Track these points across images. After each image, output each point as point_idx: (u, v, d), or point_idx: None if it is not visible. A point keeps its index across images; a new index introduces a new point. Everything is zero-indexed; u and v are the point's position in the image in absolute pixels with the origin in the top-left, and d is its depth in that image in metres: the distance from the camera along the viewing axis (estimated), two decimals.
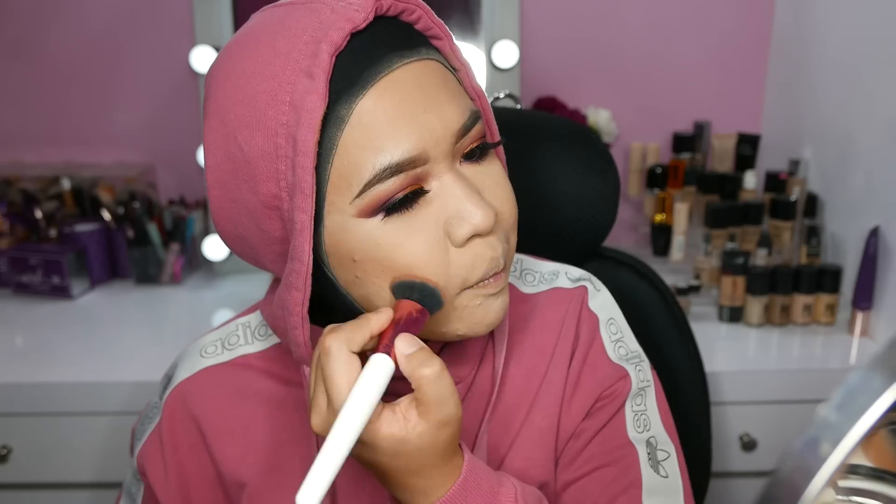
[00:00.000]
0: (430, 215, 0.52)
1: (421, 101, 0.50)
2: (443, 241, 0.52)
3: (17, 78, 1.68)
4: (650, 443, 0.65)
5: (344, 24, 0.49)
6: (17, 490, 1.22)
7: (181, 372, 0.66)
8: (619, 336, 0.69)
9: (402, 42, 0.51)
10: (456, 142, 0.52)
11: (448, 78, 0.53)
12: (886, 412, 0.23)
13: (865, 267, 1.27)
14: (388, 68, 0.50)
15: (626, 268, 0.97)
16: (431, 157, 0.51)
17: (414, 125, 0.50)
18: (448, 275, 0.52)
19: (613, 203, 0.93)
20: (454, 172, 0.52)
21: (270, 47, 0.50)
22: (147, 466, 0.65)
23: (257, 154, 0.50)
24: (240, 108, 0.50)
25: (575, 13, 1.67)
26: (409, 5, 0.52)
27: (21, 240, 1.60)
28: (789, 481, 0.24)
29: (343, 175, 0.50)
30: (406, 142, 0.49)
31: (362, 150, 0.49)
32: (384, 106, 0.49)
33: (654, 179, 1.60)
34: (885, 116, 1.26)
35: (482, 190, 0.54)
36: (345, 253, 0.52)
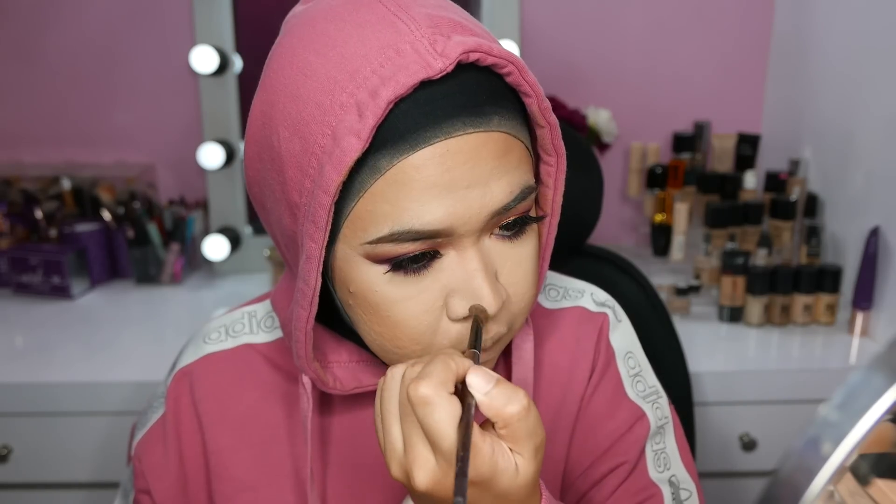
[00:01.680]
0: (435, 283, 0.49)
1: (467, 175, 0.46)
2: (440, 309, 0.50)
3: (17, 78, 1.68)
4: (672, 482, 0.65)
5: (417, 71, 0.44)
6: (17, 490, 1.22)
7: (184, 358, 0.66)
8: (637, 370, 0.67)
9: (475, 105, 0.46)
10: (491, 219, 0.49)
11: (513, 151, 0.49)
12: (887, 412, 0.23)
13: (865, 267, 1.27)
14: (445, 134, 0.46)
15: (608, 264, 0.97)
16: (458, 232, 0.48)
17: (450, 199, 0.46)
18: (432, 342, 0.51)
19: (598, 201, 0.93)
20: (477, 248, 0.49)
21: (338, 56, 0.47)
22: (144, 455, 0.63)
23: (290, 160, 0.48)
24: (289, 102, 0.48)
25: (575, 13, 1.67)
26: (500, 60, 0.47)
27: (21, 240, 1.60)
28: (790, 481, 0.24)
29: (362, 218, 0.47)
30: (434, 213, 0.46)
31: (388, 204, 0.46)
32: (426, 172, 0.46)
33: (654, 179, 1.60)
34: (885, 116, 1.26)
35: (501, 269, 0.51)
36: (344, 280, 0.51)
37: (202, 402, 0.63)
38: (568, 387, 0.65)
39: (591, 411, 0.65)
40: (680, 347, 0.99)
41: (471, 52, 0.46)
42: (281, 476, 0.61)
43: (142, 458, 0.63)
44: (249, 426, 0.62)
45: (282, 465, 0.62)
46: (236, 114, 1.58)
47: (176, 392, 0.64)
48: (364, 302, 0.50)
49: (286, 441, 0.62)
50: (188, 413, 0.63)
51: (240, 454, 0.62)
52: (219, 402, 0.63)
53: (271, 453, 0.62)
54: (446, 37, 0.46)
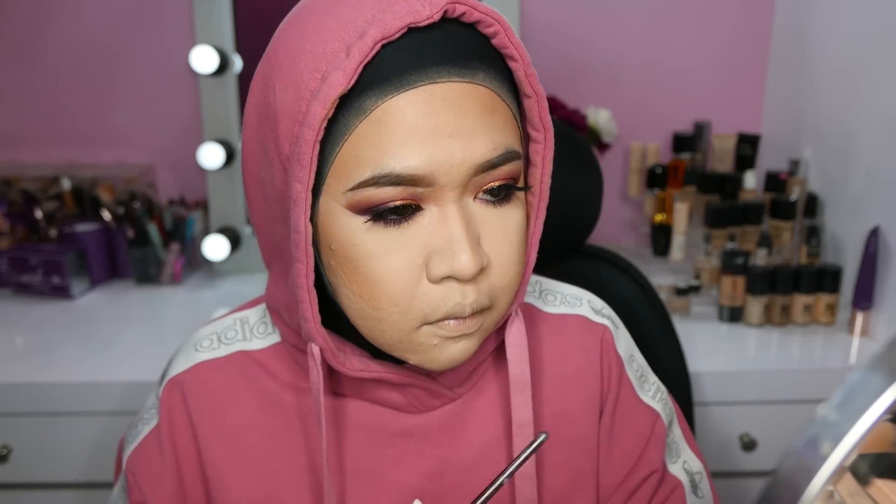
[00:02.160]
0: (416, 238, 0.49)
1: (450, 123, 0.47)
2: (419, 269, 0.50)
3: (17, 78, 1.68)
4: (686, 469, 0.66)
5: (403, 16, 0.46)
6: (17, 490, 1.22)
7: (175, 366, 0.63)
8: (640, 372, 0.68)
9: (461, 56, 0.48)
10: (474, 175, 0.49)
11: (498, 109, 0.49)
12: (886, 411, 0.23)
13: (865, 267, 1.27)
14: (430, 79, 0.47)
15: (607, 263, 0.97)
16: (440, 182, 0.48)
17: (432, 145, 0.47)
18: (410, 304, 0.50)
19: (598, 201, 0.93)
20: (459, 205, 0.49)
21: (334, 12, 0.48)
22: (139, 468, 0.61)
23: (284, 110, 0.49)
24: (286, 60, 0.49)
25: (575, 13, 1.67)
26: (486, 17, 0.48)
27: (21, 240, 1.60)
28: (790, 480, 0.24)
29: (346, 164, 0.48)
30: (416, 157, 0.47)
31: (371, 147, 0.47)
32: (410, 114, 0.46)
33: (654, 179, 1.60)
34: (885, 116, 1.26)
35: (485, 235, 0.51)
36: (326, 237, 0.50)
37: (196, 412, 0.61)
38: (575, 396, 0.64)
39: (618, 424, 0.65)
40: (680, 347, 0.99)
41: (457, 4, 0.47)
42: (280, 488, 0.60)
43: (136, 472, 0.61)
44: (246, 436, 0.60)
45: (282, 477, 0.60)
46: (236, 114, 1.58)
47: (169, 401, 0.61)
48: (344, 259, 0.50)
49: (285, 451, 0.60)
50: (182, 423, 0.61)
51: (237, 465, 0.60)
52: (213, 413, 0.61)
53: (270, 464, 0.60)
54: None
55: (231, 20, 1.55)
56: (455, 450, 0.61)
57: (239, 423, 0.60)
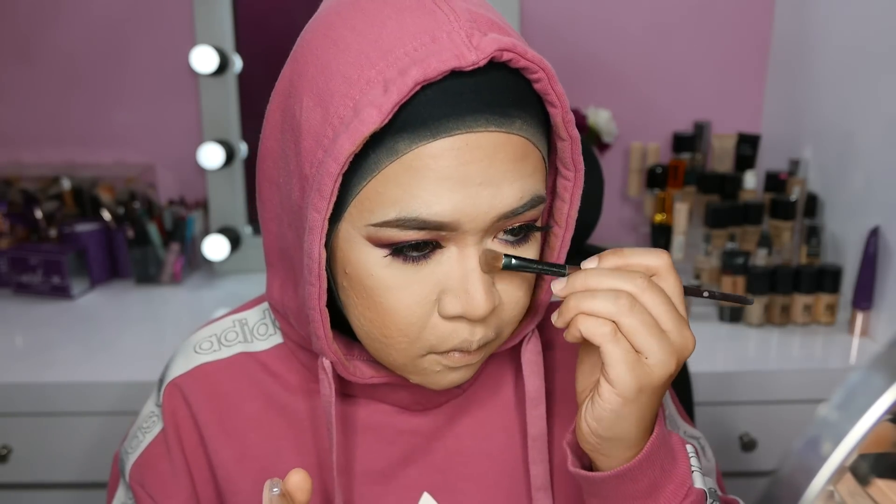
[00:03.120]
0: (431, 276, 0.49)
1: (482, 173, 0.46)
2: (432, 303, 0.50)
3: (17, 78, 1.68)
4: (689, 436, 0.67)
5: (448, 60, 0.44)
6: (17, 490, 1.22)
7: (174, 369, 0.62)
8: None
9: (500, 104, 0.46)
10: (497, 221, 0.48)
11: (530, 156, 0.49)
12: (887, 412, 0.23)
13: (865, 267, 1.27)
14: (467, 128, 0.45)
15: None
16: (464, 228, 0.47)
17: (461, 194, 0.46)
18: (419, 336, 0.50)
19: (598, 202, 0.93)
20: (478, 248, 0.49)
21: (374, 35, 0.47)
22: (147, 477, 0.60)
23: (309, 129, 0.48)
24: (317, 74, 0.48)
25: (575, 13, 1.67)
26: (532, 65, 0.47)
27: (21, 240, 1.60)
28: (790, 481, 0.24)
29: (370, 199, 0.47)
30: (444, 205, 0.46)
31: (400, 189, 0.46)
32: (443, 162, 0.45)
33: (654, 179, 1.60)
34: (885, 116, 1.26)
35: (500, 274, 0.51)
36: (342, 261, 0.50)
37: (200, 414, 0.60)
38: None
39: None
40: None
41: (505, 51, 0.46)
42: None
43: (144, 481, 0.60)
44: (252, 438, 0.60)
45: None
46: (236, 114, 1.58)
47: (172, 405, 0.61)
48: (359, 285, 0.50)
49: (292, 452, 0.60)
50: (188, 425, 0.60)
51: (245, 467, 0.60)
52: (218, 415, 0.60)
53: (277, 465, 0.60)
54: (483, 33, 0.46)
55: (231, 20, 1.55)
56: (462, 443, 0.61)
57: (244, 425, 0.60)
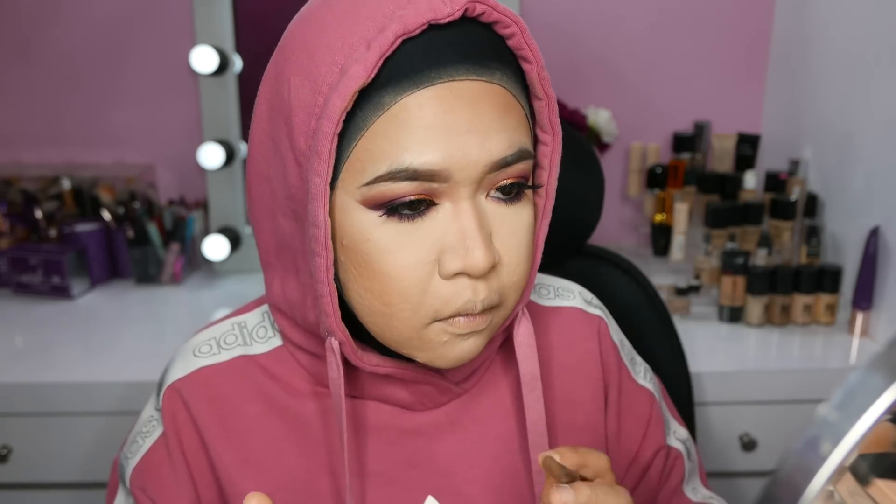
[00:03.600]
0: (429, 234, 0.49)
1: (467, 120, 0.47)
2: (431, 264, 0.50)
3: (17, 78, 1.68)
4: (679, 439, 0.71)
5: (424, 13, 0.46)
6: (17, 490, 1.22)
7: (173, 373, 0.62)
8: (630, 356, 0.71)
9: (479, 55, 0.48)
10: (489, 172, 0.49)
11: (513, 109, 0.50)
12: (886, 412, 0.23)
13: (865, 267, 1.27)
14: (448, 77, 0.47)
15: (609, 264, 0.97)
16: (455, 178, 0.48)
17: (449, 141, 0.47)
18: (421, 300, 0.50)
19: (599, 202, 0.93)
20: (472, 202, 0.50)
21: (353, 10, 0.48)
22: (149, 481, 0.60)
23: (299, 104, 0.49)
24: (302, 53, 0.49)
25: (575, 13, 1.67)
26: (504, 18, 0.49)
27: (21, 240, 1.60)
28: (789, 481, 0.24)
29: (361, 159, 0.48)
30: (433, 153, 0.47)
31: (388, 142, 0.47)
32: (428, 111, 0.47)
33: (654, 179, 1.60)
34: (885, 116, 1.26)
35: (496, 232, 0.51)
36: (339, 233, 0.50)
37: (201, 417, 0.59)
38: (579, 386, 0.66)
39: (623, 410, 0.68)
40: (680, 347, 0.99)
41: (477, 3, 0.48)
42: (290, 491, 0.59)
43: (146, 486, 0.60)
44: (253, 440, 0.60)
45: (291, 479, 0.60)
46: (236, 114, 1.58)
47: (172, 409, 0.60)
48: (356, 255, 0.50)
49: (293, 454, 0.60)
50: (188, 429, 0.60)
51: (247, 469, 0.59)
52: (218, 418, 0.60)
53: (279, 468, 0.60)
54: None
55: (231, 20, 1.55)
56: (464, 445, 0.61)
57: (245, 428, 0.60)
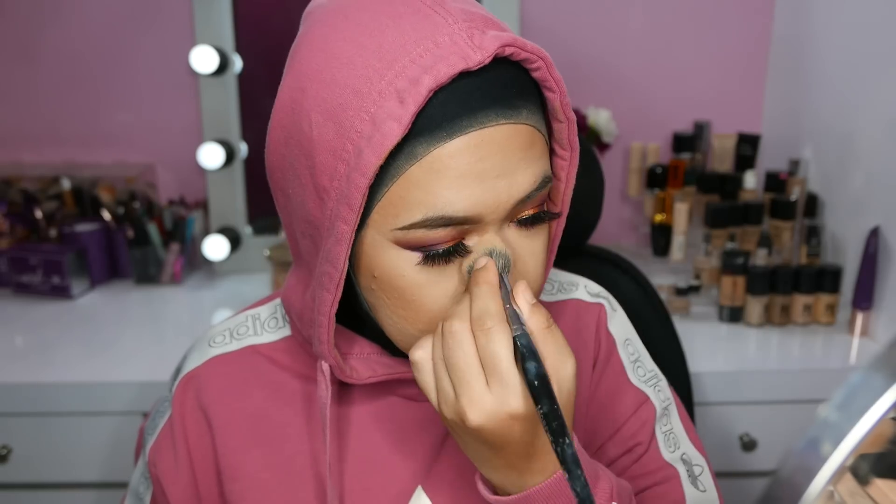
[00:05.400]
0: (460, 270, 0.52)
1: (498, 165, 0.49)
2: (461, 293, 0.52)
3: (17, 78, 1.68)
4: (685, 460, 0.68)
5: (456, 62, 0.46)
6: (17, 490, 1.22)
7: (190, 362, 0.66)
8: (636, 357, 0.71)
9: (507, 97, 0.49)
10: (515, 206, 0.51)
11: (536, 143, 0.51)
12: (887, 413, 0.23)
13: (865, 267, 1.27)
14: (479, 125, 0.48)
15: (609, 264, 0.97)
16: (486, 220, 0.50)
17: (482, 188, 0.48)
18: None
19: (598, 202, 0.93)
20: (499, 235, 0.52)
21: (374, 45, 0.48)
22: (158, 460, 0.64)
23: (323, 144, 0.49)
24: (323, 89, 0.49)
25: (575, 13, 1.67)
26: (532, 55, 0.50)
27: (21, 240, 1.60)
28: (790, 481, 0.24)
29: (395, 204, 0.49)
30: (466, 201, 0.48)
31: (422, 191, 0.48)
32: (460, 161, 0.48)
33: (654, 179, 1.60)
34: (885, 116, 1.26)
35: (515, 254, 0.53)
36: (369, 266, 0.52)
37: (210, 405, 0.63)
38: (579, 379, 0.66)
39: (598, 398, 0.68)
40: (680, 347, 0.99)
41: (507, 47, 0.48)
42: (292, 473, 0.62)
43: (156, 464, 0.64)
44: (259, 425, 0.63)
45: (293, 463, 0.62)
46: (236, 114, 1.58)
47: (182, 397, 0.64)
48: (389, 286, 0.52)
49: (297, 438, 0.62)
50: (194, 417, 0.63)
51: (251, 453, 0.62)
52: (227, 404, 0.63)
53: (283, 451, 0.62)
54: (482, 31, 0.48)
55: (231, 20, 1.55)
56: None
57: (251, 412, 0.63)
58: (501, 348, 0.47)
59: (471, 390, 0.47)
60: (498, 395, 0.47)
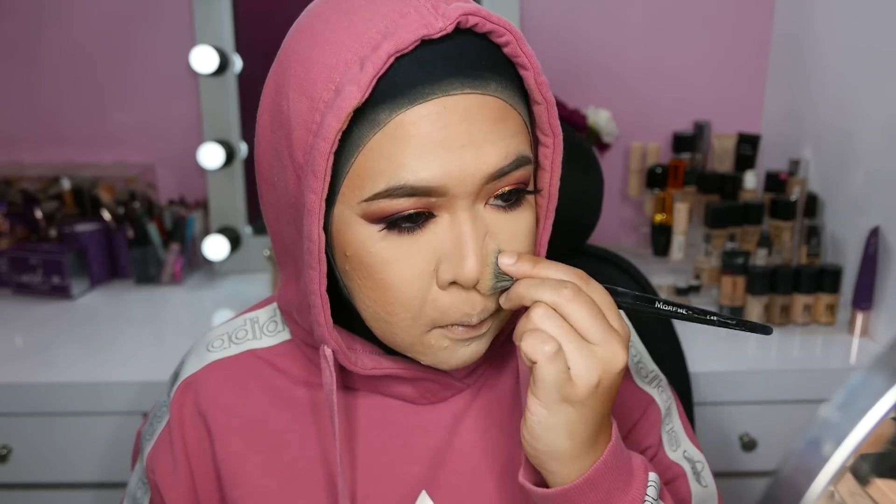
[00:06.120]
0: (428, 245, 0.50)
1: (463, 134, 0.48)
2: (430, 275, 0.51)
3: (17, 78, 1.68)
4: (687, 458, 0.68)
5: (417, 28, 0.46)
6: (17, 490, 1.22)
7: (188, 367, 0.65)
8: (637, 358, 0.70)
9: (473, 67, 0.48)
10: (486, 183, 0.49)
11: (510, 118, 0.50)
12: (888, 413, 0.23)
13: (865, 267, 1.27)
14: (443, 92, 0.47)
15: (608, 263, 0.97)
16: (452, 192, 0.49)
17: (445, 157, 0.47)
18: (421, 310, 0.51)
19: (598, 202, 0.93)
20: (470, 213, 0.50)
21: (347, 22, 0.49)
22: (156, 466, 0.63)
23: (298, 120, 0.49)
24: (299, 68, 0.50)
25: (575, 13, 1.67)
26: (498, 27, 0.49)
27: (21, 240, 1.60)
28: (791, 481, 0.24)
29: (360, 175, 0.48)
30: (430, 170, 0.47)
31: (385, 160, 0.47)
32: (423, 127, 0.47)
33: (654, 179, 1.60)
34: (885, 116, 1.26)
35: (493, 236, 0.51)
36: (341, 244, 0.51)
37: (209, 410, 0.62)
38: None
39: None
40: (680, 347, 0.99)
41: (470, 16, 0.47)
42: (293, 479, 0.61)
43: (154, 469, 0.64)
44: (259, 431, 0.62)
45: (294, 468, 0.61)
46: (236, 114, 1.58)
47: (180, 402, 0.63)
48: (359, 265, 0.51)
49: (297, 444, 0.61)
50: (193, 423, 0.63)
51: (251, 459, 0.61)
52: (226, 409, 0.62)
53: (284, 456, 0.61)
54: (447, 3, 0.48)
55: (231, 20, 1.55)
56: (464, 439, 0.62)
57: (251, 419, 0.62)
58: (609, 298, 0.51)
59: (611, 336, 0.49)
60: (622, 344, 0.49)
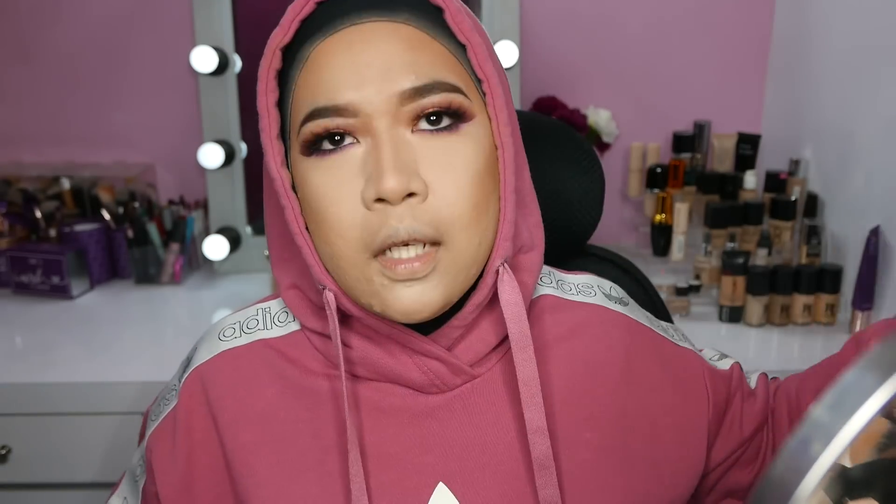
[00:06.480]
0: (351, 169, 0.52)
1: (372, 57, 0.51)
2: (357, 197, 0.52)
3: (17, 78, 1.68)
4: (714, 358, 0.76)
5: None
6: (17, 490, 1.22)
7: (200, 355, 0.65)
8: (663, 326, 0.71)
9: (386, 1, 0.53)
10: (400, 105, 0.51)
11: (428, 47, 0.52)
12: (877, 413, 0.23)
13: (866, 267, 1.27)
14: (351, 22, 0.52)
15: (609, 264, 0.97)
16: (365, 111, 0.51)
17: (353, 77, 0.51)
18: (352, 234, 0.52)
19: (599, 201, 0.93)
20: (389, 134, 0.51)
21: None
22: (155, 448, 0.63)
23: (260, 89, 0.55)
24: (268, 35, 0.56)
25: (575, 13, 1.66)
26: None
27: (21, 240, 1.61)
28: (781, 481, 0.24)
29: (294, 112, 0.53)
30: (338, 90, 0.51)
31: (307, 90, 0.52)
32: (333, 53, 0.51)
33: (654, 179, 1.60)
34: (885, 116, 1.26)
35: (425, 164, 0.52)
36: (301, 192, 0.55)
37: (219, 400, 0.62)
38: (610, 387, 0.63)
39: (675, 373, 0.68)
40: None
41: None
42: (304, 471, 0.60)
43: (153, 451, 0.63)
44: (270, 421, 0.61)
45: (305, 458, 0.60)
46: (236, 114, 1.58)
47: (189, 390, 0.63)
48: (306, 205, 0.54)
49: (309, 435, 0.61)
50: (201, 413, 0.62)
51: (262, 449, 0.61)
52: (237, 400, 0.62)
53: (295, 447, 0.61)
54: None
55: (231, 20, 1.55)
56: (477, 429, 0.61)
57: (262, 409, 0.62)
58: None
59: None
60: None
